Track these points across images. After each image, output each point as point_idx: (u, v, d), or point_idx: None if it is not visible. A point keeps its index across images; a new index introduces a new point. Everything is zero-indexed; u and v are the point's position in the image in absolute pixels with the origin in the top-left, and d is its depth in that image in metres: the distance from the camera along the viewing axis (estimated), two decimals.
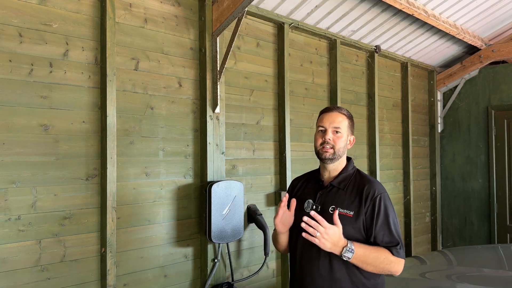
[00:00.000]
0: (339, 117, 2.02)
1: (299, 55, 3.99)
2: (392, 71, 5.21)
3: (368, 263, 1.86)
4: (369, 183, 1.98)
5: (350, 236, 1.89)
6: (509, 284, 2.87)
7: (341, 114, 2.03)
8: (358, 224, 1.91)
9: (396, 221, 1.95)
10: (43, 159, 2.39)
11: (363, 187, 1.96)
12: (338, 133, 2.00)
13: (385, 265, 1.89)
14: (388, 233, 1.92)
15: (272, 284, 3.67)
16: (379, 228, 1.91)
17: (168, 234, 2.96)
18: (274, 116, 3.74)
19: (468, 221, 5.81)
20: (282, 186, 3.73)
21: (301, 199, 2.07)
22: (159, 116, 2.93)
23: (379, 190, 1.96)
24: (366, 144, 4.74)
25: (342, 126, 2.01)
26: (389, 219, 1.93)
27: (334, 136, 2.00)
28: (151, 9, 2.91)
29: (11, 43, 2.29)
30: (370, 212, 1.91)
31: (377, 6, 3.99)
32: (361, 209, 1.92)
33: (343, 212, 1.93)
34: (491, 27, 5.16)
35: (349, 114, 2.08)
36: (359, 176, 2.03)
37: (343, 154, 2.04)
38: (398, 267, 1.92)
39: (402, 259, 1.92)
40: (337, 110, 2.05)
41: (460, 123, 5.90)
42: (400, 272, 1.93)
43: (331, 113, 2.04)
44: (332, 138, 1.99)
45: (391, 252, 1.90)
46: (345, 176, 2.02)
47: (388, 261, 1.89)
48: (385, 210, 1.93)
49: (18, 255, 2.29)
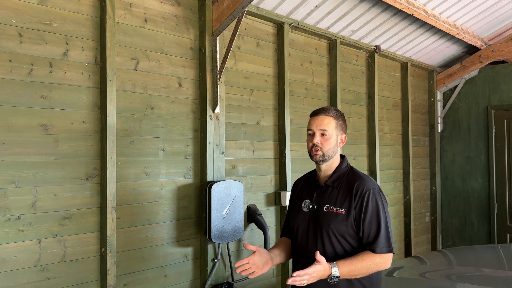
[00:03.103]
0: (325, 119, 2.08)
1: (299, 55, 3.99)
2: (392, 71, 5.22)
3: (356, 274, 1.92)
4: (359, 179, 2.04)
5: (344, 232, 1.97)
6: (509, 284, 2.87)
7: (327, 116, 2.09)
8: (350, 220, 1.97)
9: (385, 217, 1.98)
10: (43, 159, 2.39)
11: (353, 184, 2.02)
12: (325, 135, 2.06)
13: (373, 268, 1.95)
14: (375, 230, 1.95)
15: (272, 284, 3.67)
16: (367, 224, 1.96)
17: (168, 234, 2.96)
18: (274, 116, 3.74)
19: (468, 221, 5.81)
20: (282, 186, 3.73)
21: (300, 200, 2.16)
22: (159, 116, 2.93)
23: (368, 187, 2.00)
24: (366, 144, 4.74)
25: (329, 128, 2.06)
26: (377, 215, 1.96)
27: (322, 138, 2.06)
28: (151, 9, 2.91)
29: (11, 43, 2.29)
30: (358, 207, 1.97)
31: (377, 6, 3.99)
32: (351, 205, 1.98)
33: (335, 210, 2.00)
34: (491, 27, 5.16)
35: (336, 114, 2.11)
36: (351, 174, 2.09)
37: (334, 153, 2.09)
38: (386, 263, 1.97)
39: (388, 254, 1.97)
40: (324, 113, 2.10)
41: (460, 123, 5.90)
42: (389, 266, 1.99)
43: (317, 116, 2.10)
44: (320, 141, 2.06)
45: (375, 251, 1.93)
46: (339, 175, 2.08)
47: (375, 264, 1.94)
48: (373, 206, 1.97)
49: (18, 255, 2.29)
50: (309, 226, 2.06)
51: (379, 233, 1.95)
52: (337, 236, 1.98)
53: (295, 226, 2.14)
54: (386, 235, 1.96)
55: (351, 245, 1.99)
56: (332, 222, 1.98)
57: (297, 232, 2.12)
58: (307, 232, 2.07)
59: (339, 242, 1.98)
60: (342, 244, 1.98)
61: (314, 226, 2.04)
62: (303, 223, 2.10)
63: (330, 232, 1.98)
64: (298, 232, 2.12)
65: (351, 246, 1.99)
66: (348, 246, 1.98)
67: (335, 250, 1.98)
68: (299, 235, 2.11)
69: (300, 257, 2.09)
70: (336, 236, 1.98)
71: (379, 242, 1.94)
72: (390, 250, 1.96)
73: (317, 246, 2.01)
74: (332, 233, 1.98)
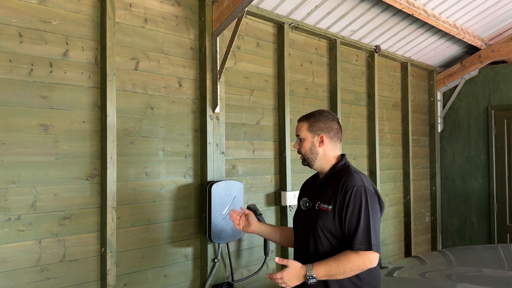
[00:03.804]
0: (298, 125, 2.17)
1: (299, 55, 3.99)
2: (392, 71, 5.21)
3: (335, 274, 1.91)
4: (347, 176, 2.02)
5: (330, 229, 1.98)
6: (509, 284, 2.87)
7: (301, 122, 2.16)
8: (335, 218, 1.98)
9: (367, 214, 1.93)
10: (43, 159, 2.39)
11: (340, 181, 2.01)
12: (300, 139, 2.14)
13: (351, 267, 1.89)
14: (354, 226, 1.92)
15: (272, 284, 3.66)
16: (348, 220, 1.94)
17: (168, 234, 2.96)
18: (274, 116, 3.74)
19: (468, 221, 5.81)
20: (282, 186, 3.73)
21: (301, 198, 2.25)
22: (159, 116, 2.93)
23: (353, 184, 1.98)
24: (366, 144, 4.74)
25: (301, 132, 2.14)
26: (358, 212, 1.93)
27: (299, 143, 2.14)
28: (151, 9, 2.91)
29: (11, 43, 2.29)
30: (341, 204, 1.97)
31: (377, 6, 3.99)
32: (336, 201, 1.99)
33: (324, 207, 2.02)
34: (491, 27, 5.16)
35: (309, 115, 2.15)
36: (344, 172, 2.07)
37: (315, 154, 2.11)
38: (366, 262, 1.90)
39: (368, 252, 1.89)
40: (300, 119, 2.18)
41: (460, 123, 5.90)
42: (374, 264, 1.92)
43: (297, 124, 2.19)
44: (298, 146, 2.15)
45: (352, 249, 1.90)
46: (333, 173, 2.10)
47: (351, 263, 1.89)
48: (355, 202, 1.94)
49: (18, 255, 2.29)
50: (304, 224, 2.12)
51: (357, 229, 1.91)
52: (324, 233, 2.00)
53: (295, 224, 2.24)
54: (365, 232, 1.90)
55: (334, 242, 1.99)
56: (319, 219, 2.01)
57: (296, 230, 2.21)
58: (302, 230, 2.14)
59: (327, 239, 1.99)
60: (329, 240, 1.99)
61: (307, 223, 2.09)
62: (300, 220, 2.17)
63: (318, 229, 2.01)
64: (297, 230, 2.20)
65: (334, 243, 1.99)
66: (333, 243, 1.99)
67: (323, 247, 2.00)
68: (298, 232, 2.19)
69: (298, 253, 2.16)
70: (323, 233, 2.00)
71: (356, 239, 1.90)
72: (369, 247, 1.88)
73: (309, 243, 2.05)
74: (320, 229, 2.00)
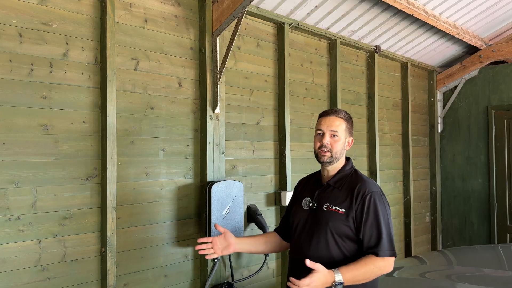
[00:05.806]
0: (336, 120, 2.06)
1: (299, 55, 3.99)
2: (392, 71, 5.22)
3: (360, 279, 1.92)
4: (361, 182, 2.03)
5: (341, 231, 1.97)
6: (509, 284, 2.87)
7: (338, 118, 2.07)
8: (349, 221, 1.97)
9: (387, 220, 1.98)
10: (43, 159, 2.39)
11: (355, 186, 2.02)
12: (335, 136, 2.05)
13: (376, 272, 1.95)
14: (376, 234, 1.95)
15: (272, 284, 3.67)
16: (369, 227, 1.95)
17: (168, 234, 2.96)
18: (274, 116, 3.74)
19: (468, 221, 5.81)
20: (282, 186, 3.73)
21: (301, 197, 2.18)
22: (159, 116, 2.93)
23: (370, 189, 1.99)
24: (366, 144, 4.74)
25: (340, 130, 2.05)
26: (379, 218, 1.96)
27: (332, 139, 2.05)
28: (151, 9, 2.91)
29: (11, 43, 2.29)
30: (360, 210, 1.97)
31: (377, 6, 3.99)
32: (351, 207, 1.98)
33: (335, 209, 2.00)
34: (491, 27, 5.16)
35: (347, 116, 2.11)
36: (355, 176, 2.08)
37: (341, 156, 2.09)
38: (388, 267, 1.97)
39: (390, 258, 1.97)
40: (335, 114, 2.09)
41: (460, 123, 5.90)
42: (391, 269, 1.99)
43: (328, 117, 2.08)
44: (330, 142, 2.04)
45: (378, 255, 1.93)
46: (342, 176, 2.08)
47: (378, 268, 1.94)
48: (374, 209, 1.96)
49: (18, 255, 2.29)
50: (307, 224, 2.08)
51: (381, 236, 1.94)
52: (334, 235, 1.98)
53: (294, 223, 2.16)
54: (388, 239, 1.95)
55: (345, 246, 1.98)
56: (330, 220, 1.99)
57: (296, 229, 2.14)
58: (304, 229, 2.09)
59: (335, 241, 1.98)
60: (338, 243, 1.98)
61: (313, 224, 2.05)
62: (301, 220, 2.11)
63: (328, 230, 1.99)
64: (296, 229, 2.14)
65: (345, 247, 1.98)
66: (343, 247, 1.98)
67: (329, 249, 1.98)
68: (297, 232, 2.13)
69: (297, 254, 2.10)
70: (333, 235, 1.98)
71: (382, 245, 1.93)
72: (393, 253, 1.96)
73: (311, 243, 2.02)
74: (329, 231, 1.98)
